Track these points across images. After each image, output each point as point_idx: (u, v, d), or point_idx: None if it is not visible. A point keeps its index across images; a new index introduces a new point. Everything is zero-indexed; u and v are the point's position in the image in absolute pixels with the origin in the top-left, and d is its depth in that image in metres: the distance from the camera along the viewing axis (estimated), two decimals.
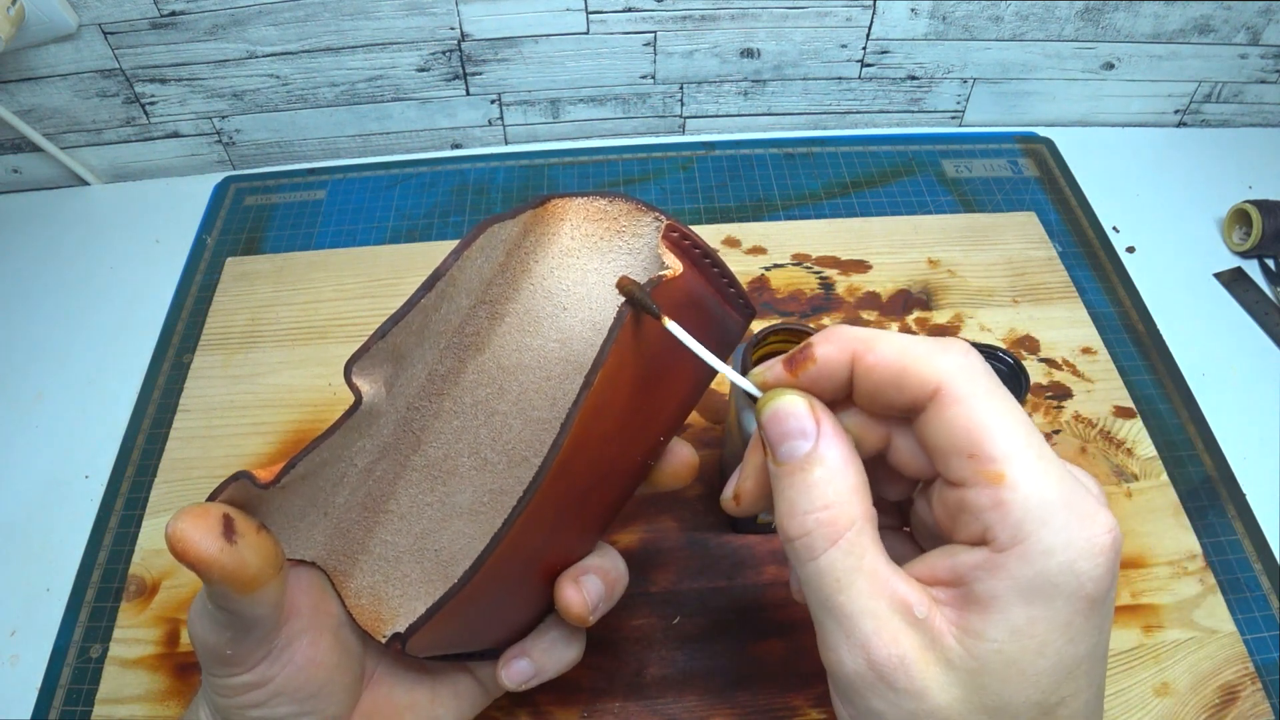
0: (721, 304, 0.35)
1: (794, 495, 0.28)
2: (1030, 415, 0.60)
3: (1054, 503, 0.26)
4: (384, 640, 0.35)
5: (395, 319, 0.34)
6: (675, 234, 0.34)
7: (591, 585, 0.36)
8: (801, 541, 0.28)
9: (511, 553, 0.31)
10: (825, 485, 0.28)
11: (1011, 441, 0.26)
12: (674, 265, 0.33)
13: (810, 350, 0.30)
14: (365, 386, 0.35)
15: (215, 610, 0.31)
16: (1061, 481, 0.26)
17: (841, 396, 0.31)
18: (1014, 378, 0.58)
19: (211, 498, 0.31)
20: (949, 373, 0.27)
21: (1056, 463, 0.27)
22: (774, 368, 0.31)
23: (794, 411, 0.29)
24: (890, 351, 0.29)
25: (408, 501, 0.37)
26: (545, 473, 0.30)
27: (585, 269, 0.38)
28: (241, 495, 0.32)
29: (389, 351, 0.35)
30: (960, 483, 0.27)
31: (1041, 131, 0.82)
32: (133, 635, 0.52)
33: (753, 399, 0.31)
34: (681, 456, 0.38)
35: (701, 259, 0.34)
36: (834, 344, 0.30)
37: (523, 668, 0.38)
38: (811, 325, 0.32)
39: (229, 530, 0.29)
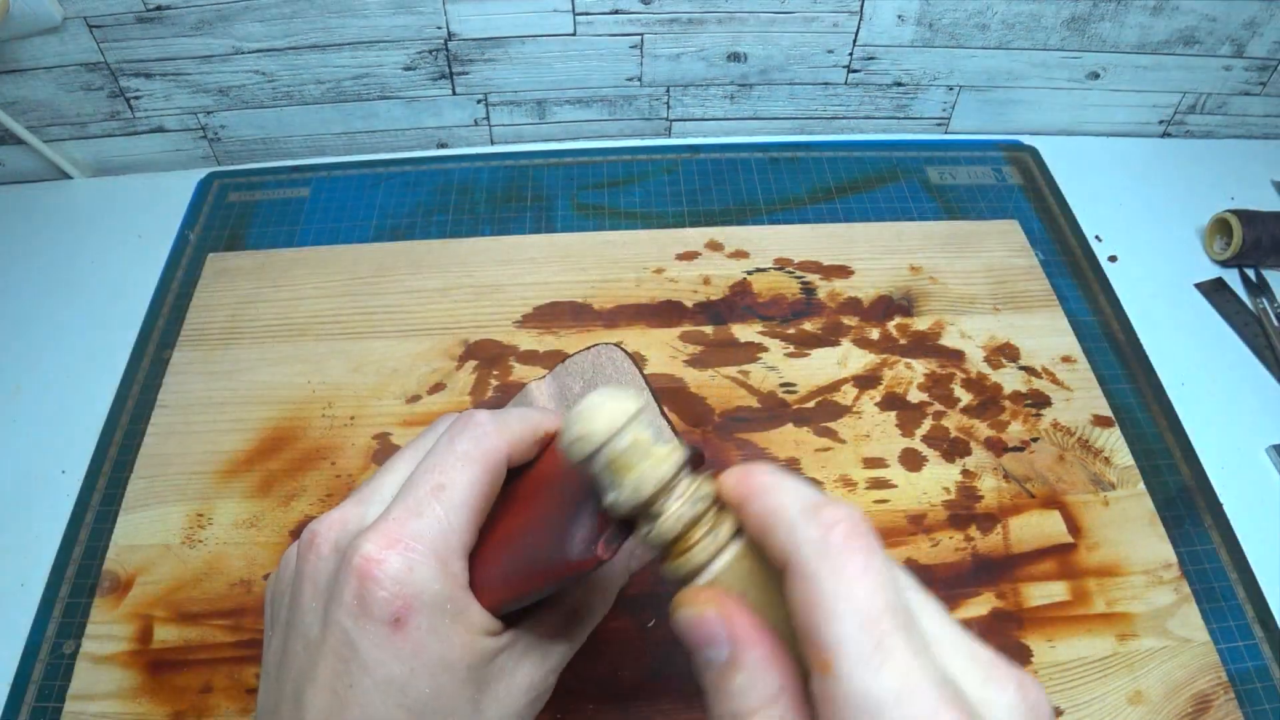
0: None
1: (718, 702, 0.27)
2: (1008, 424, 0.60)
3: (885, 700, 0.23)
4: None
5: None
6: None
7: None
8: None
9: None
10: (746, 692, 0.26)
11: (847, 626, 0.24)
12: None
13: (718, 475, 0.30)
14: None
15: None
16: (905, 675, 0.23)
17: None
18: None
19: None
20: (800, 545, 0.26)
21: (910, 653, 0.24)
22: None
23: (705, 619, 0.27)
24: (758, 511, 0.28)
25: None
26: None
27: None
28: None
29: None
30: (806, 669, 0.25)
31: (1026, 140, 0.82)
32: (105, 631, 0.51)
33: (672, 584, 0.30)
34: None
35: None
36: (734, 478, 0.29)
37: None
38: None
39: None
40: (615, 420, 0.29)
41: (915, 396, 0.62)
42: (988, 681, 0.25)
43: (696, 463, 0.31)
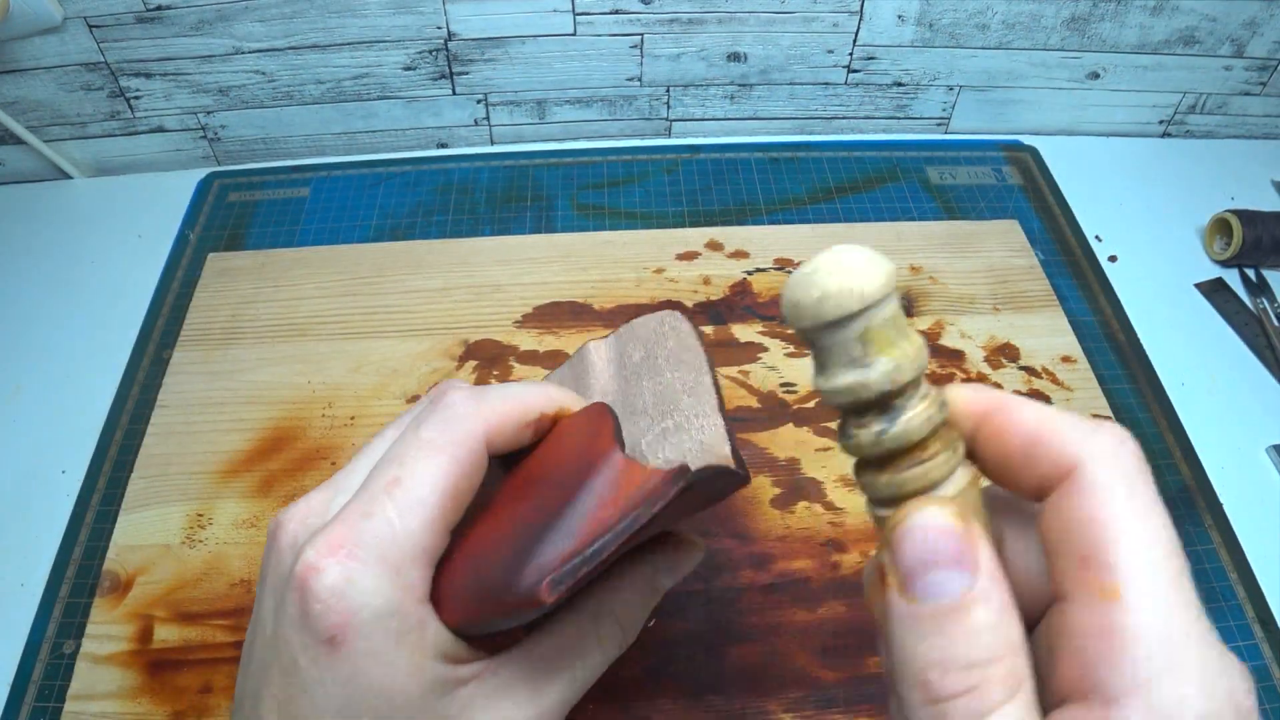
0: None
1: (947, 646, 0.21)
2: None
3: (1182, 642, 0.20)
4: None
5: None
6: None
7: None
8: (963, 701, 0.21)
9: None
10: (985, 635, 0.21)
11: (1141, 554, 0.21)
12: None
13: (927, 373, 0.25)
14: None
15: None
16: (1198, 620, 0.20)
17: None
18: None
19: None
20: (1092, 455, 0.22)
21: (1194, 598, 0.21)
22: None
23: (944, 530, 0.22)
24: (1030, 415, 0.24)
25: None
26: None
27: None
28: None
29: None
30: (1064, 594, 0.22)
31: (1026, 140, 0.82)
32: (105, 631, 0.51)
33: (862, 467, 0.26)
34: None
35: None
36: (965, 391, 0.26)
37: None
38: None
39: None
40: (887, 277, 0.23)
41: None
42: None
43: None
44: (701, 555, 0.37)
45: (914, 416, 0.24)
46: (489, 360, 0.63)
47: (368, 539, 0.28)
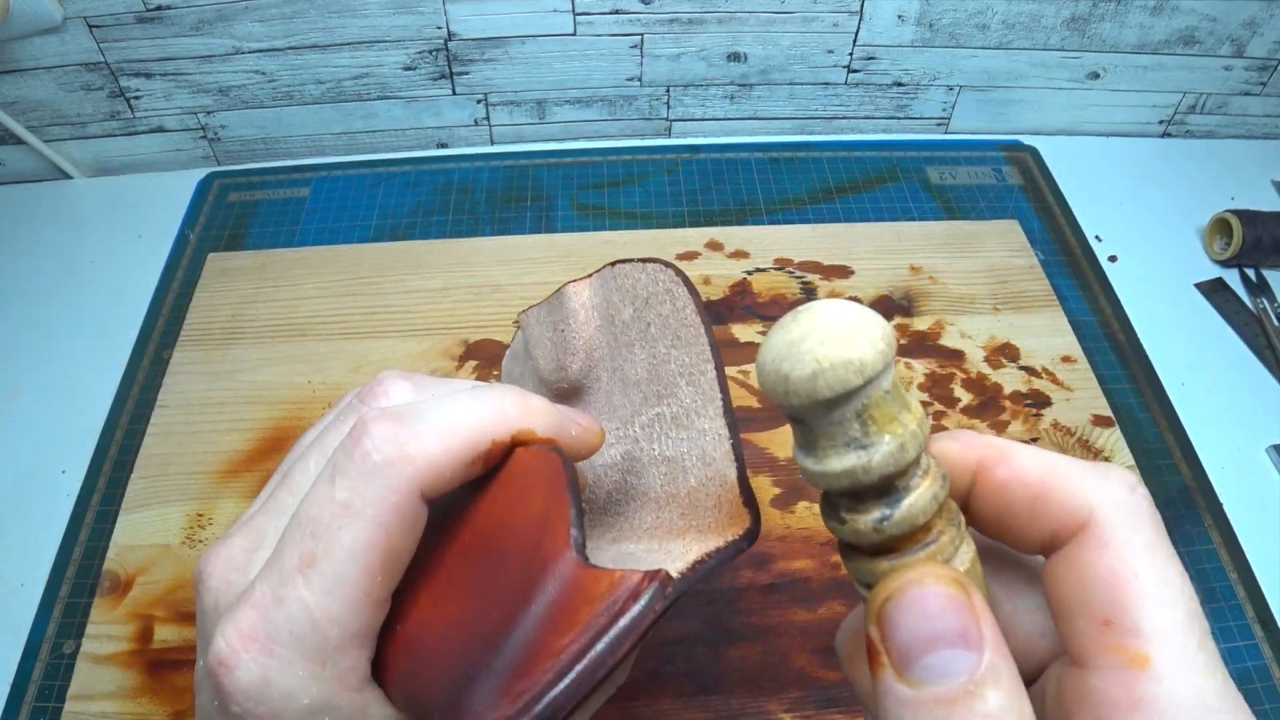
0: None
1: None
2: (1009, 424, 0.60)
3: (1216, 712, 0.19)
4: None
5: None
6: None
7: None
8: None
9: None
10: (1004, 717, 0.19)
11: (1168, 616, 0.19)
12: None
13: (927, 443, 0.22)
14: None
15: None
16: (1226, 684, 0.19)
17: None
18: None
19: None
20: (1106, 505, 0.21)
21: (1219, 661, 0.20)
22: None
23: (946, 602, 0.20)
24: (1032, 466, 0.22)
25: None
26: None
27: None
28: None
29: None
30: (1084, 660, 0.20)
31: (1026, 140, 0.82)
32: (105, 631, 0.51)
33: (855, 551, 0.23)
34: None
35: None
36: (957, 444, 0.23)
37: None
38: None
39: None
40: (888, 345, 0.20)
41: (915, 396, 0.62)
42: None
43: None
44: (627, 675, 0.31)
45: (918, 499, 0.21)
46: (489, 360, 0.63)
47: (283, 632, 0.23)
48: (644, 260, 0.34)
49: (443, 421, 0.25)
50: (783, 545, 0.54)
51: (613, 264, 0.35)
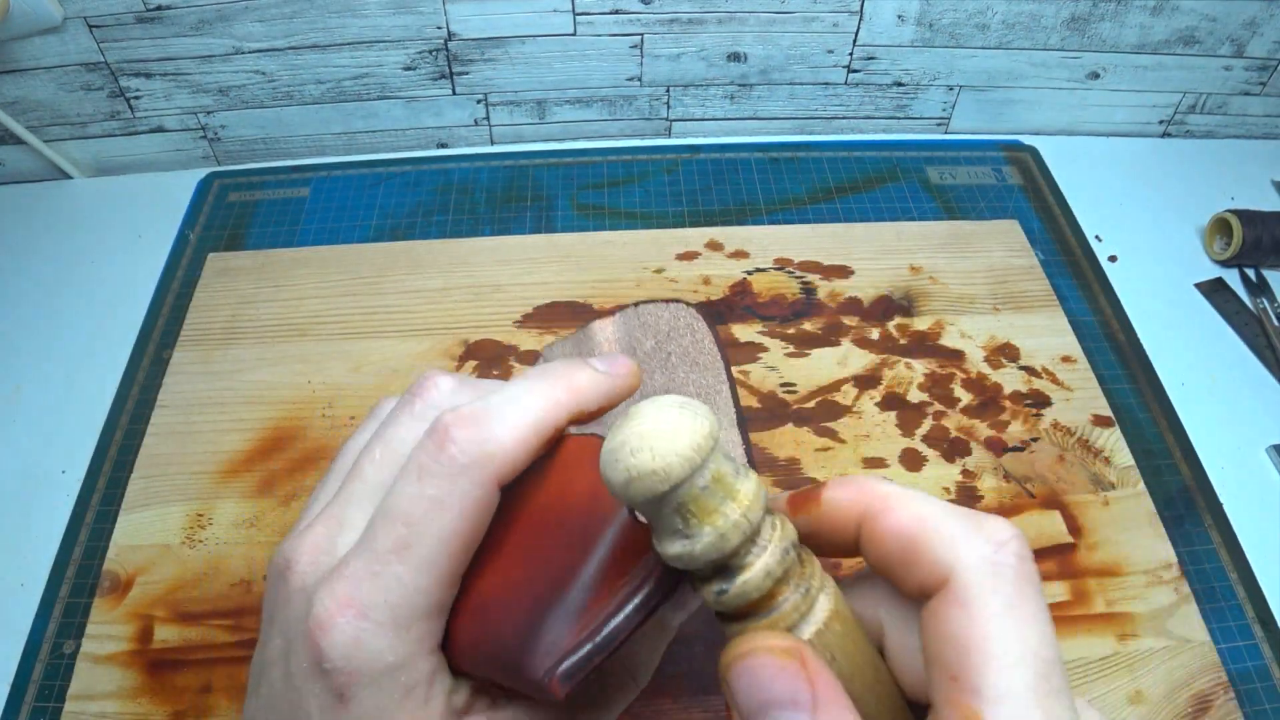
0: None
1: None
2: (1009, 424, 0.60)
3: None
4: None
5: None
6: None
7: None
8: None
9: None
10: None
11: (1009, 677, 0.20)
12: None
13: (818, 492, 0.25)
14: None
15: None
16: None
17: (844, 555, 0.26)
18: None
19: None
20: (966, 564, 0.22)
21: (1060, 716, 0.21)
22: (777, 499, 0.26)
23: (775, 669, 0.22)
24: (906, 519, 0.23)
25: None
26: None
27: None
28: None
29: None
30: (935, 710, 0.21)
31: (1026, 140, 0.82)
32: (105, 631, 0.51)
33: (724, 615, 0.25)
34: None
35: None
36: (847, 491, 0.25)
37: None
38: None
39: None
40: (695, 452, 0.22)
41: (915, 396, 0.62)
42: None
43: None
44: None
45: (752, 576, 0.23)
46: (489, 360, 0.63)
47: (378, 599, 0.27)
48: (667, 300, 0.40)
49: (515, 419, 0.28)
50: None
51: (636, 304, 0.40)
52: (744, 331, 0.65)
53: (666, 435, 0.22)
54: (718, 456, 0.23)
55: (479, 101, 0.81)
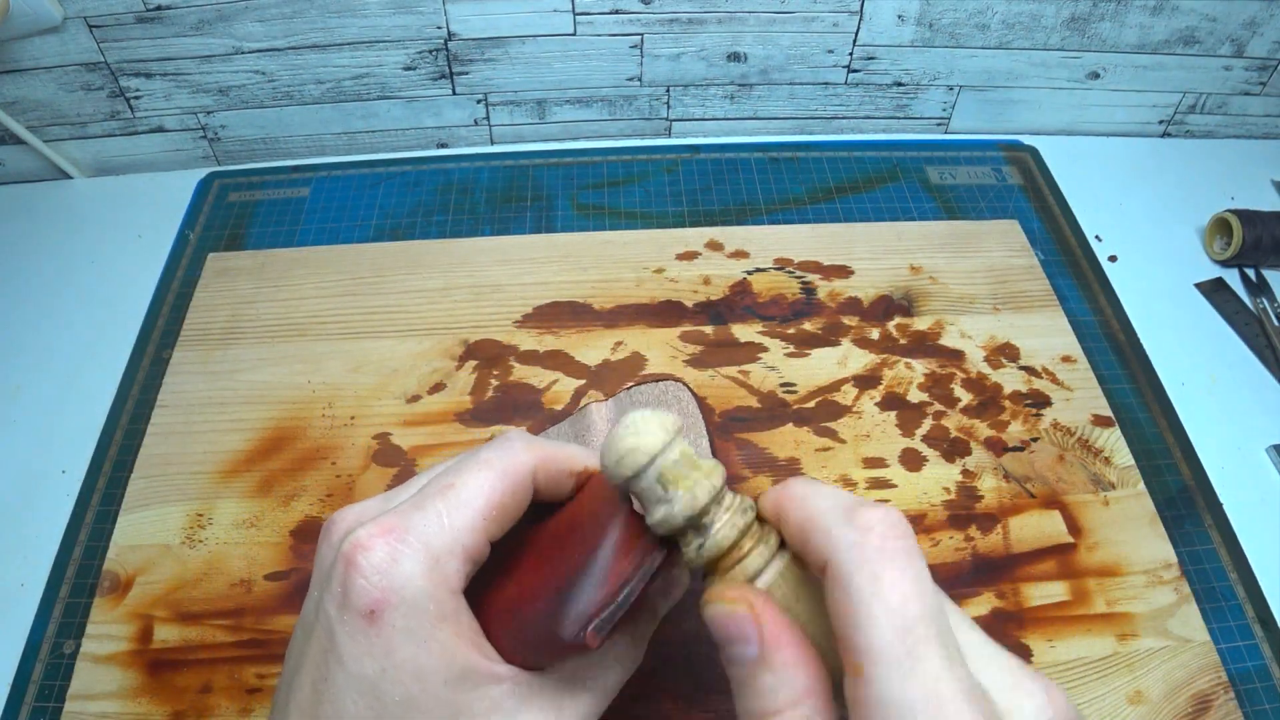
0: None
1: (745, 697, 0.28)
2: (1008, 424, 0.60)
3: (913, 707, 0.24)
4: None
5: None
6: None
7: None
8: None
9: None
10: (774, 692, 0.27)
11: (881, 631, 0.24)
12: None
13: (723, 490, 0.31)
14: None
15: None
16: (935, 682, 0.24)
17: None
18: None
19: None
20: (838, 548, 0.26)
21: (942, 661, 0.24)
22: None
23: (729, 612, 0.29)
24: (797, 519, 0.29)
25: None
26: None
27: None
28: None
29: None
30: (840, 675, 0.26)
31: (1026, 140, 0.82)
32: (105, 631, 0.51)
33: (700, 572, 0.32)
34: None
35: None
36: (768, 498, 0.30)
37: None
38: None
39: None
40: (665, 432, 0.30)
41: (915, 396, 0.62)
42: (1016, 689, 0.26)
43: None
44: (688, 582, 0.39)
45: (720, 528, 0.30)
46: (489, 360, 0.63)
47: (417, 527, 0.31)
48: (657, 379, 0.47)
49: (556, 443, 0.36)
50: None
51: (629, 387, 0.47)
52: (744, 331, 0.65)
53: (643, 422, 0.30)
54: (682, 441, 0.31)
55: (479, 101, 0.81)
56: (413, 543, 0.30)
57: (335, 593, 0.30)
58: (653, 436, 0.30)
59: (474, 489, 0.32)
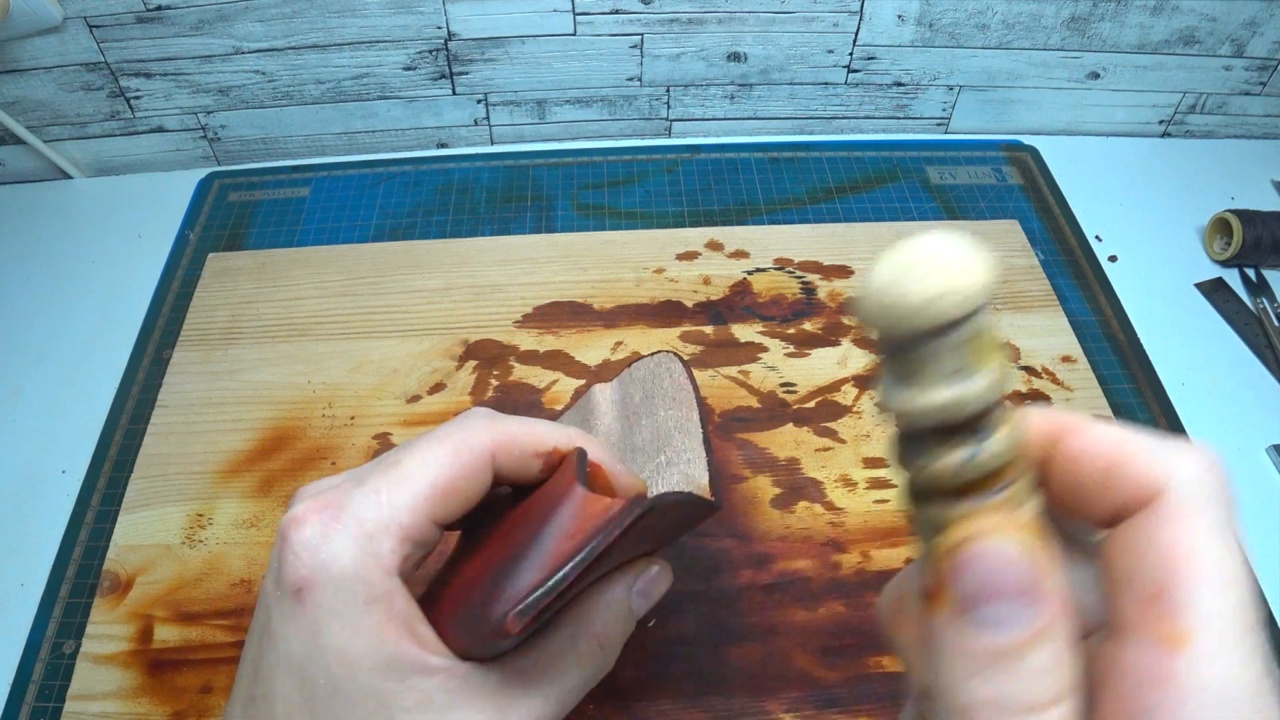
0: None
1: (1004, 684, 0.19)
2: None
3: (1245, 703, 0.18)
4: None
5: None
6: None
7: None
8: None
9: None
10: (1046, 676, 0.19)
11: (1220, 599, 0.19)
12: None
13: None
14: None
15: None
16: (1262, 680, 0.19)
17: None
18: None
19: None
20: (1179, 479, 0.20)
21: (1264, 652, 0.19)
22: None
23: (1011, 559, 0.20)
24: (1106, 438, 0.22)
25: None
26: None
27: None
28: None
29: None
30: (1124, 633, 0.20)
31: (1026, 140, 0.82)
32: (105, 631, 0.51)
33: (928, 496, 0.22)
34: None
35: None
36: (1036, 414, 0.23)
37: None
38: None
39: None
40: (991, 274, 0.19)
41: None
42: None
43: None
44: (670, 581, 0.38)
45: (1003, 438, 0.21)
46: (489, 360, 0.63)
47: (352, 505, 0.30)
48: (652, 353, 0.46)
49: (522, 421, 0.34)
50: (783, 545, 0.54)
51: (630, 365, 0.45)
52: (744, 331, 0.65)
53: (963, 254, 0.19)
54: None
55: (479, 101, 0.81)
56: (346, 520, 0.29)
57: (273, 568, 0.30)
58: (978, 277, 0.19)
59: (418, 466, 0.31)
